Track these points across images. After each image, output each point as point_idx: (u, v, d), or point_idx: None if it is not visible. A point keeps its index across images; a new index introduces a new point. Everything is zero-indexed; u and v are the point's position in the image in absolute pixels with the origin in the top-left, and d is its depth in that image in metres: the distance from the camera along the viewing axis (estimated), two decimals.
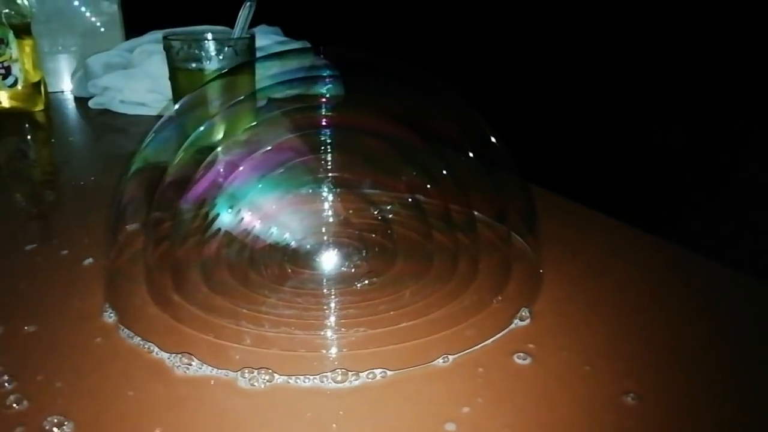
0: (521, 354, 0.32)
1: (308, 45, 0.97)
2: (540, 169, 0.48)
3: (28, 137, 0.84)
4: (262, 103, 0.46)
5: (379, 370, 0.30)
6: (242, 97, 0.43)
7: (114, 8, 1.07)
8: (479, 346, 0.32)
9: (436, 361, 0.31)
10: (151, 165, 0.41)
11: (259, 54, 0.65)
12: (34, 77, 0.89)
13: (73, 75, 1.02)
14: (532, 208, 0.41)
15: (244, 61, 0.58)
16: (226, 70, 0.59)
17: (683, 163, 0.49)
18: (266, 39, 0.96)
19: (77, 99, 0.98)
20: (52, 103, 0.95)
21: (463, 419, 0.27)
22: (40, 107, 0.90)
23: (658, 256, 0.45)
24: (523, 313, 0.35)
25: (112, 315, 0.35)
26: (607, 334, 0.35)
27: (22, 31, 0.87)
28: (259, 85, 0.47)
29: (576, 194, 0.54)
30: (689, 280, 0.42)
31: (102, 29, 1.07)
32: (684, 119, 0.49)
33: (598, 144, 0.59)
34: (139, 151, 0.40)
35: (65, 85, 1.04)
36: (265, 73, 0.47)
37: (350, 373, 0.30)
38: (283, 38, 1.03)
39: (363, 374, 0.30)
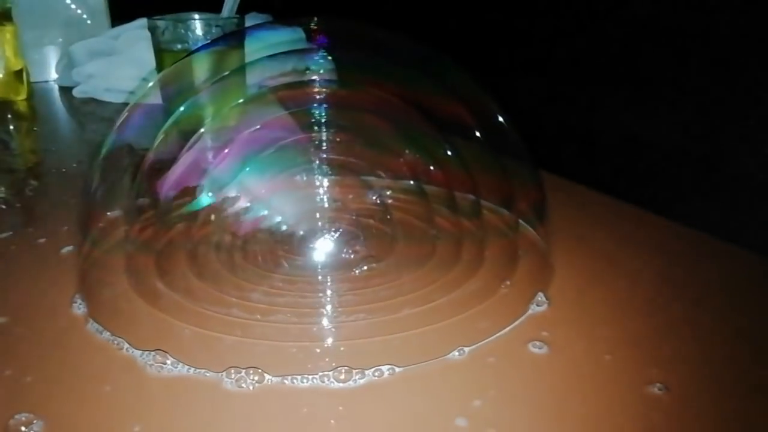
0: (537, 343, 0.29)
1: (301, 31, 0.94)
2: (546, 153, 0.46)
3: (10, 127, 0.80)
4: (251, 79, 0.43)
5: (387, 367, 0.27)
6: (229, 73, 0.40)
7: None
8: (496, 335, 0.29)
9: (450, 355, 0.28)
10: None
11: None
12: (16, 65, 0.86)
13: (57, 63, 0.98)
14: (542, 193, 0.39)
15: (232, 32, 0.55)
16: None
17: (699, 142, 0.46)
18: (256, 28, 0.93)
19: (62, 88, 0.94)
20: (36, 93, 0.92)
21: (475, 414, 0.25)
22: (22, 96, 0.87)
23: (674, 241, 0.42)
24: (540, 298, 0.32)
25: (81, 307, 0.32)
26: (626, 321, 0.32)
27: (3, 17, 0.84)
28: (248, 60, 0.44)
29: (585, 179, 0.52)
30: (707, 265, 0.39)
31: (88, 21, 1.03)
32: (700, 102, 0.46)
33: (605, 128, 0.56)
34: (114, 132, 0.37)
35: (50, 75, 1.01)
36: (254, 48, 0.44)
37: (354, 371, 0.27)
38: (275, 26, 1.00)
39: (369, 371, 0.27)
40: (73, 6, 1.03)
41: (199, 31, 0.58)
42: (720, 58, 0.45)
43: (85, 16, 1.03)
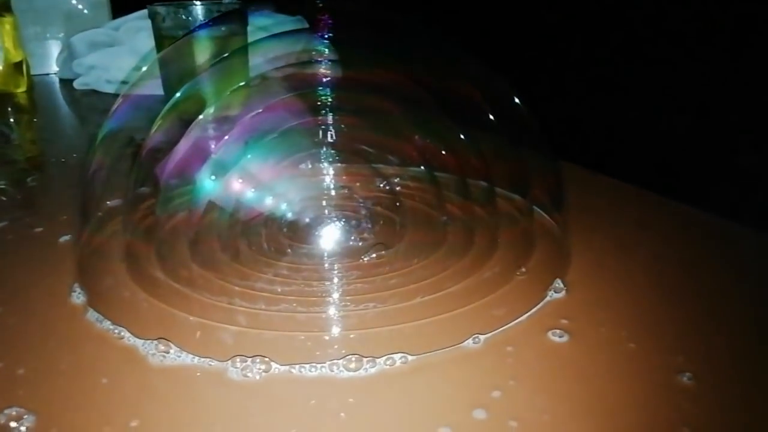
0: (557, 331, 0.27)
1: (304, 21, 0.92)
2: (561, 140, 0.44)
3: (10, 120, 0.79)
4: (254, 61, 0.41)
5: (399, 355, 0.26)
6: (230, 54, 0.39)
7: None
8: (513, 322, 0.28)
9: (465, 343, 0.27)
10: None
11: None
12: (16, 57, 0.84)
13: (58, 56, 0.97)
14: (558, 179, 0.37)
15: (234, 11, 0.53)
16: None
17: (718, 127, 0.45)
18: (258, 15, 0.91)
19: (62, 80, 0.93)
20: (37, 85, 0.91)
21: (494, 405, 0.23)
22: (22, 88, 0.86)
23: (692, 226, 0.41)
24: (557, 284, 0.31)
25: (80, 296, 0.31)
26: (648, 308, 0.30)
27: (2, 8, 0.82)
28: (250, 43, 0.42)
29: (597, 165, 0.50)
30: (727, 250, 0.38)
31: (89, 13, 1.02)
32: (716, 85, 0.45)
33: (620, 112, 0.55)
34: (109, 118, 0.35)
35: (51, 68, 1.00)
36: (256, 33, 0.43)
37: (365, 360, 0.25)
38: (277, 15, 0.98)
39: (380, 360, 0.26)
40: (74, 0, 1.02)
41: (200, 17, 0.56)
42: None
43: (86, 9, 1.02)
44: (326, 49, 0.39)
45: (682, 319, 0.29)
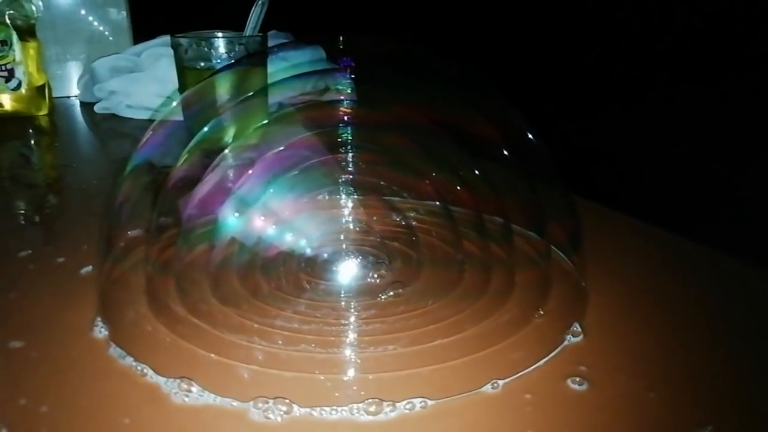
0: (576, 378, 0.27)
1: (321, 50, 0.94)
2: (577, 176, 0.44)
3: (31, 141, 0.81)
4: (274, 99, 0.42)
5: (419, 400, 0.26)
6: (252, 93, 0.40)
7: (122, 15, 1.05)
8: (532, 367, 0.28)
9: (484, 388, 0.27)
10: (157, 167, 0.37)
11: None
12: (39, 80, 0.86)
13: (79, 79, 0.99)
14: (576, 218, 0.37)
15: (255, 53, 0.54)
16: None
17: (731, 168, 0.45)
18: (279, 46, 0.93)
19: (83, 104, 0.95)
20: (57, 108, 0.92)
21: None
22: (44, 111, 0.87)
23: (712, 269, 0.41)
24: (575, 329, 0.31)
25: (103, 330, 0.31)
26: (668, 355, 0.30)
27: (27, 33, 0.84)
28: (271, 80, 0.43)
29: (612, 203, 0.50)
30: (749, 296, 0.37)
31: (111, 38, 1.04)
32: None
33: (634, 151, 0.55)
34: (137, 151, 0.36)
35: (72, 91, 1.02)
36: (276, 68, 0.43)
37: (385, 404, 0.26)
38: (297, 45, 0.99)
39: (400, 404, 0.26)
40: (95, 23, 1.04)
41: (221, 49, 0.58)
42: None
43: (107, 33, 1.04)
44: (343, 87, 0.40)
45: (703, 368, 0.29)
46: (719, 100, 0.46)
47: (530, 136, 0.38)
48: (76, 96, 1.00)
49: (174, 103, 0.42)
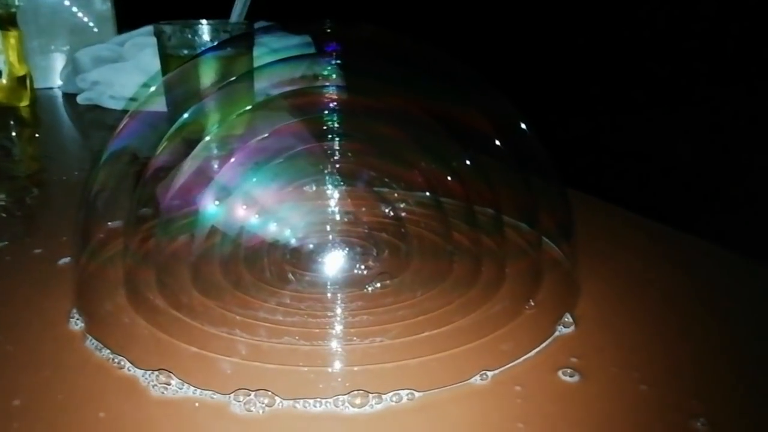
0: (567, 370, 0.27)
1: (310, 40, 0.92)
2: (570, 167, 0.44)
3: (12, 133, 0.79)
4: (259, 85, 0.41)
5: (406, 391, 0.25)
6: (236, 78, 0.39)
7: (107, 6, 1.03)
8: (522, 359, 0.27)
9: (472, 379, 0.26)
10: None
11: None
12: (20, 71, 0.84)
13: (62, 70, 0.97)
14: (567, 209, 0.37)
15: (240, 35, 0.53)
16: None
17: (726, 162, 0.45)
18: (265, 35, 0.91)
19: (66, 95, 0.93)
20: (40, 99, 0.90)
21: None
22: (25, 102, 0.85)
23: (705, 259, 0.40)
24: (567, 319, 0.30)
25: (79, 322, 0.30)
26: (659, 347, 0.30)
27: (7, 22, 0.82)
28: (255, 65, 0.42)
29: (607, 194, 0.50)
30: (743, 286, 0.37)
31: (94, 28, 1.02)
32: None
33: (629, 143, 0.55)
34: (113, 139, 0.35)
35: (55, 82, 1.00)
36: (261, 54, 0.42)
37: (371, 395, 0.25)
38: (284, 35, 0.98)
39: (387, 396, 0.25)
40: (79, 13, 1.02)
41: (206, 36, 0.56)
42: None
43: (91, 23, 1.02)
44: (333, 74, 0.39)
45: (696, 359, 0.29)
46: (718, 94, 0.46)
47: (522, 126, 0.37)
48: (59, 87, 0.98)
49: (152, 89, 0.41)
